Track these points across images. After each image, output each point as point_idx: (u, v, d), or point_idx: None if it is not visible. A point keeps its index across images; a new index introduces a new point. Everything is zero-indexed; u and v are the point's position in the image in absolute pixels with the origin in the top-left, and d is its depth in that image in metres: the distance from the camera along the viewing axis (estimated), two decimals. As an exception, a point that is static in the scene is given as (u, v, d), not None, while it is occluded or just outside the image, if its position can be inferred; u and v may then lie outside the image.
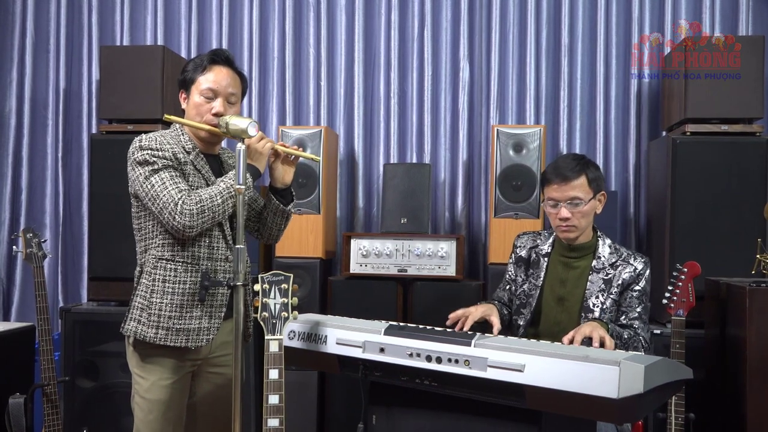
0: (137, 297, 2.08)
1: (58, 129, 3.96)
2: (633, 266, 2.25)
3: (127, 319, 2.09)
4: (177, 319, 2.03)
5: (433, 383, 1.84)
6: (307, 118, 3.85)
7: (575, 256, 2.31)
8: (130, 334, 2.07)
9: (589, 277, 2.27)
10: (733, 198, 2.98)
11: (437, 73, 3.79)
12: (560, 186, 2.22)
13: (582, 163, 2.25)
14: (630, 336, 2.18)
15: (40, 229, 3.83)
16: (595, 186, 2.24)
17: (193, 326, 2.05)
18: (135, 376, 2.10)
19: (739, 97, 3.03)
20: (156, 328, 2.02)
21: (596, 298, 2.24)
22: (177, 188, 1.98)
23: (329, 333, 2.00)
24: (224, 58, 2.13)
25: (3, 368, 2.95)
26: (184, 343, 2.03)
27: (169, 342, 2.02)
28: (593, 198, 2.24)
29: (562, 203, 2.22)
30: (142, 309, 2.05)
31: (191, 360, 2.09)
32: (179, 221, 1.95)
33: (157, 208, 1.98)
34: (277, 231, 2.25)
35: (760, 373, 2.44)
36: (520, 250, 2.43)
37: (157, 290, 2.03)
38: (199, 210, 1.96)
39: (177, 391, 2.08)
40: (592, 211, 2.25)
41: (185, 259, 2.04)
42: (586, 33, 3.70)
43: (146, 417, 2.06)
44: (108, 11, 3.95)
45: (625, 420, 1.90)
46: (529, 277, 2.38)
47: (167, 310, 2.03)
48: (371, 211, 3.84)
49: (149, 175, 1.99)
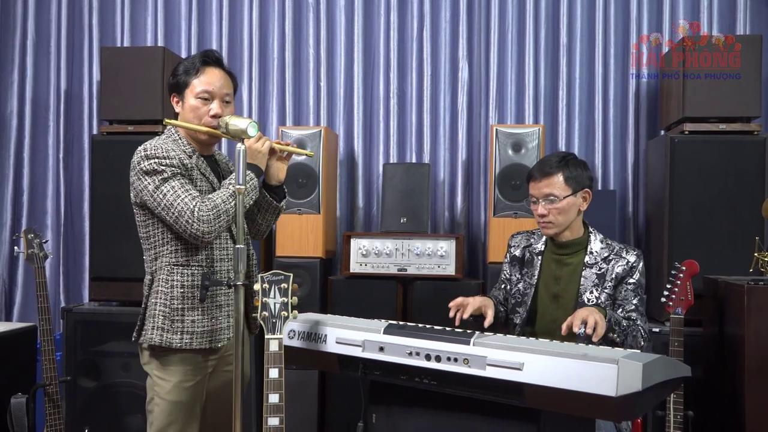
0: (156, 306, 2.05)
1: (59, 130, 3.97)
2: (626, 259, 2.27)
3: (146, 327, 2.07)
4: (200, 323, 2.04)
5: (433, 382, 1.84)
6: (307, 118, 3.86)
7: (567, 253, 2.33)
8: (153, 342, 2.04)
9: (582, 272, 2.29)
10: (731, 196, 2.99)
11: (436, 73, 3.80)
12: (537, 183, 2.28)
13: (564, 161, 2.28)
14: (629, 325, 2.19)
15: (42, 230, 3.84)
16: (574, 183, 2.26)
17: (215, 327, 2.07)
18: (155, 378, 2.08)
19: (737, 96, 3.04)
20: (181, 333, 2.03)
21: (591, 293, 2.27)
22: (190, 195, 1.97)
23: (329, 332, 2.00)
24: (215, 59, 2.12)
25: (5, 368, 2.96)
26: (208, 345, 2.05)
27: (195, 345, 2.03)
28: (571, 195, 2.25)
29: (540, 200, 2.27)
30: (165, 316, 2.03)
31: (210, 361, 2.11)
32: (197, 228, 1.95)
33: (172, 218, 1.97)
34: (266, 227, 2.27)
35: (758, 371, 2.45)
36: (515, 250, 2.45)
37: (177, 296, 2.03)
38: (215, 215, 1.97)
39: (197, 392, 2.09)
40: (570, 209, 2.26)
41: (201, 264, 2.05)
42: (584, 33, 3.71)
43: (167, 419, 2.06)
44: (108, 12, 3.96)
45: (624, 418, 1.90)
46: (523, 276, 2.40)
47: (190, 314, 2.03)
48: (371, 211, 3.85)
49: (159, 185, 1.98)
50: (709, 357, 2.83)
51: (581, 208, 2.30)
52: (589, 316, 1.98)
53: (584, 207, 2.31)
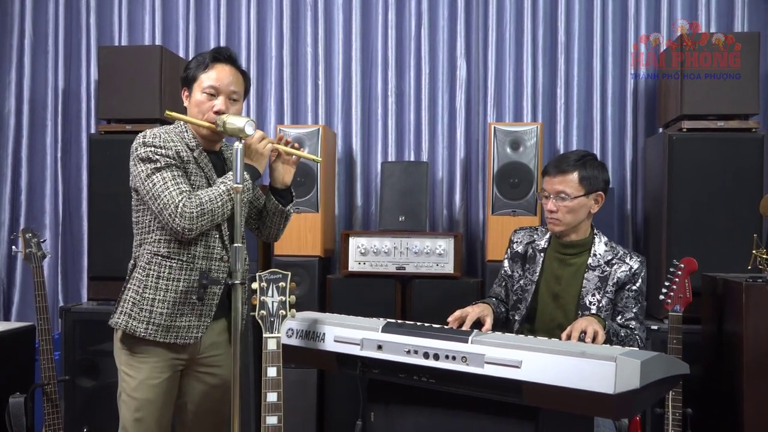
0: (129, 291, 2.07)
1: (57, 129, 3.97)
2: (629, 265, 2.26)
3: (117, 311, 2.08)
4: (168, 317, 2.03)
5: (431, 380, 1.85)
6: (305, 116, 3.86)
7: (571, 253, 2.32)
8: (119, 327, 2.05)
9: (584, 274, 2.28)
10: (730, 194, 2.99)
11: (434, 71, 3.80)
12: (551, 178, 2.26)
13: (582, 160, 2.26)
14: (627, 335, 2.19)
15: (40, 229, 3.84)
16: (588, 185, 2.23)
17: (183, 324, 2.05)
18: (122, 374, 2.09)
19: (735, 93, 3.04)
20: (147, 323, 2.02)
21: (593, 296, 2.25)
22: (178, 189, 1.98)
23: (327, 331, 2.00)
24: (227, 56, 2.13)
25: (3, 368, 2.96)
26: (174, 340, 2.04)
27: (159, 338, 2.02)
28: (584, 196, 2.23)
29: (551, 195, 2.25)
30: (134, 303, 2.04)
31: (180, 359, 2.09)
32: (179, 223, 1.95)
33: (157, 208, 1.98)
34: (276, 230, 2.26)
35: (756, 368, 2.45)
36: (517, 246, 2.43)
37: (150, 286, 2.03)
38: (199, 213, 1.97)
39: (165, 390, 2.08)
40: (581, 209, 2.24)
41: (181, 257, 2.04)
42: (582, 31, 3.71)
43: (133, 415, 2.05)
44: (106, 12, 3.96)
45: (622, 415, 1.91)
46: (525, 273, 2.38)
47: (159, 306, 2.02)
48: (369, 210, 3.85)
49: (151, 174, 1.99)
50: (707, 354, 2.83)
51: (592, 210, 2.28)
52: (589, 326, 1.97)
53: (595, 209, 2.28)
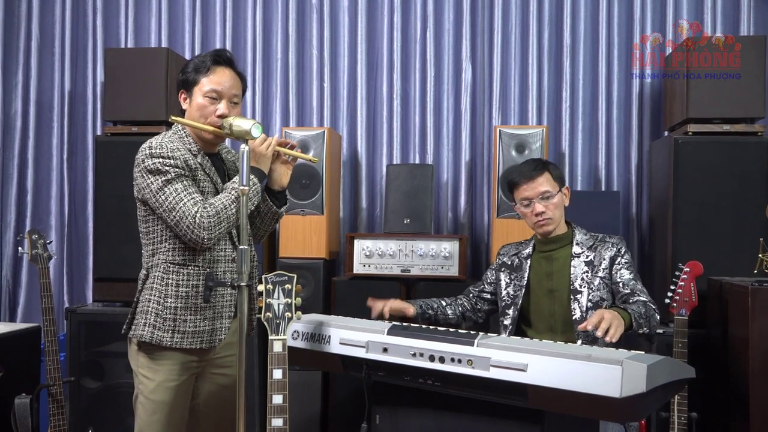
0: (150, 302, 2.06)
1: (63, 131, 3.98)
2: (610, 242, 2.40)
3: (141, 323, 2.06)
4: (192, 323, 2.04)
5: (436, 383, 1.85)
6: (311, 119, 3.86)
7: (555, 248, 2.43)
8: (144, 339, 2.04)
9: (571, 263, 2.38)
10: (735, 198, 2.98)
11: (440, 74, 3.80)
12: (529, 185, 2.40)
13: (542, 162, 2.47)
14: (647, 309, 2.21)
15: (46, 231, 3.85)
16: (559, 180, 2.43)
17: (207, 328, 2.06)
18: (140, 376, 2.09)
19: (741, 97, 3.04)
20: (172, 332, 2.03)
21: (581, 280, 2.35)
22: (192, 200, 1.97)
23: (333, 333, 2.01)
24: (226, 59, 2.12)
25: (9, 369, 2.96)
26: (199, 345, 2.05)
27: (185, 345, 2.03)
28: (559, 191, 2.41)
29: (534, 200, 2.38)
30: (157, 314, 2.04)
31: (198, 361, 2.10)
32: (198, 234, 1.96)
33: (173, 221, 1.98)
34: (265, 231, 2.27)
35: (762, 372, 2.45)
36: (503, 257, 2.57)
37: (171, 294, 2.03)
38: (216, 222, 1.97)
39: (182, 392, 2.09)
40: (561, 204, 2.43)
41: (197, 264, 2.05)
42: (587, 33, 3.71)
43: (150, 418, 2.06)
44: (112, 13, 3.97)
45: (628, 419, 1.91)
46: (513, 280, 2.48)
47: (182, 314, 2.03)
48: (374, 212, 3.85)
49: (163, 186, 1.98)
50: (713, 358, 2.82)
51: (565, 204, 2.46)
52: (603, 320, 1.97)
53: (567, 203, 2.47)
